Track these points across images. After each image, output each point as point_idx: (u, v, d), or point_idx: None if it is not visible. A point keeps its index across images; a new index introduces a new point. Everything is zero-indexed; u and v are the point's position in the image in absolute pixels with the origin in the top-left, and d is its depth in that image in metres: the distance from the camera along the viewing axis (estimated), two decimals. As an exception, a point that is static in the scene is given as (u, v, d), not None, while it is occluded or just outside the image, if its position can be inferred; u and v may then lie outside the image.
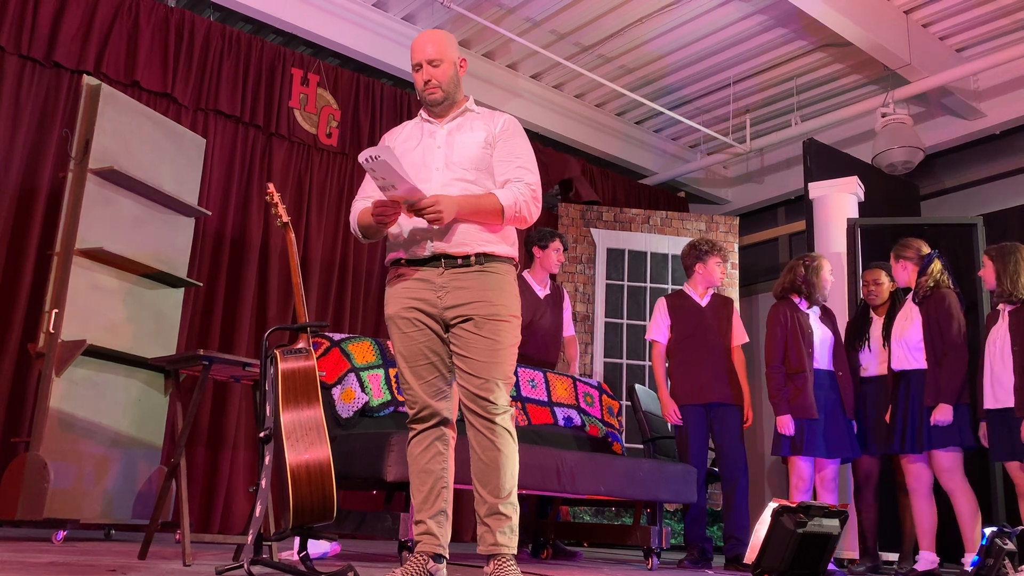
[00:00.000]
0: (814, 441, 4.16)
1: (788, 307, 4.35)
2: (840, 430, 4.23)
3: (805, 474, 4.21)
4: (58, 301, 3.76)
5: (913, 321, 4.23)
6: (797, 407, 4.19)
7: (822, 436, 4.18)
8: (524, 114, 6.79)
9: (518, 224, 2.63)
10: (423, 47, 2.63)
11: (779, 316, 4.34)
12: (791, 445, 4.19)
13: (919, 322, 4.20)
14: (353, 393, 3.67)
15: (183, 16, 5.42)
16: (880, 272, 4.63)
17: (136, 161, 4.13)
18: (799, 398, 4.19)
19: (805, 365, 4.21)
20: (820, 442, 4.17)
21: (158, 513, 3.08)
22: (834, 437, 4.20)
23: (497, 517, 2.48)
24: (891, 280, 4.57)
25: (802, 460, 4.21)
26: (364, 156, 2.34)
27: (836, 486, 4.26)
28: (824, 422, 4.21)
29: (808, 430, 4.17)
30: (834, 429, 4.22)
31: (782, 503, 3.39)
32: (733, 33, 6.25)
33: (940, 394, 4.04)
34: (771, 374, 4.29)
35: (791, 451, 4.20)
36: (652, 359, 4.69)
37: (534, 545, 4.66)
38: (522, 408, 4.26)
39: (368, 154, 2.33)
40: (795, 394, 4.20)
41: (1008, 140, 6.65)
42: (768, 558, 3.33)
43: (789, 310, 4.34)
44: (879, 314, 4.63)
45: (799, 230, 7.66)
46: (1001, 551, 3.45)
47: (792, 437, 4.19)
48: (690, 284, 4.69)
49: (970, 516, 4.02)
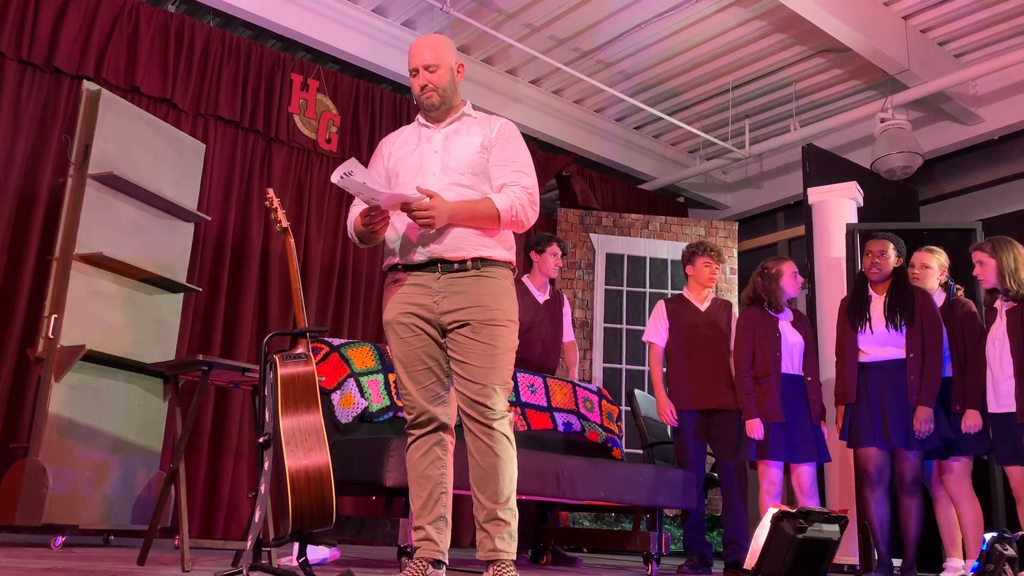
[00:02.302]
0: (780, 445, 4.15)
1: (755, 313, 4.37)
2: (806, 435, 4.21)
3: (775, 478, 4.20)
4: (57, 306, 3.76)
5: None
6: (764, 411, 4.19)
7: (788, 441, 4.17)
8: (524, 119, 6.80)
9: (515, 228, 2.63)
10: (420, 52, 2.64)
11: (746, 322, 4.37)
12: (757, 449, 4.19)
13: None
14: (352, 398, 3.67)
15: (183, 21, 5.43)
16: (888, 244, 4.21)
17: (136, 166, 4.13)
18: (766, 402, 4.19)
19: (771, 369, 4.21)
20: (785, 446, 4.16)
21: (157, 519, 3.08)
22: (800, 442, 4.19)
23: (496, 523, 2.48)
24: (897, 255, 4.19)
25: (772, 465, 4.20)
26: (335, 177, 2.36)
27: (815, 491, 4.25)
28: (790, 427, 4.20)
29: (774, 434, 4.16)
30: (800, 434, 4.20)
31: (782, 508, 3.38)
32: (732, 38, 6.26)
33: (967, 401, 4.04)
34: (739, 379, 4.30)
35: (757, 455, 4.20)
36: (649, 361, 4.69)
37: (533, 551, 4.65)
38: (521, 413, 4.26)
39: (339, 173, 2.35)
40: (762, 398, 4.21)
41: (1007, 145, 6.66)
42: (768, 563, 3.33)
43: (756, 316, 4.35)
44: (878, 292, 4.21)
45: (798, 235, 7.67)
46: (1002, 556, 3.44)
47: (759, 441, 4.19)
48: (688, 289, 4.70)
49: (976, 522, 4.03)
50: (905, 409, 3.98)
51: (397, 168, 2.68)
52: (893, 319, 4.09)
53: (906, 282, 4.16)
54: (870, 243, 4.26)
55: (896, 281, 4.17)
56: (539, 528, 4.63)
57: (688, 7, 5.88)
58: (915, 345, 4.02)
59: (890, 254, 4.19)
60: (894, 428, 3.97)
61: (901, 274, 4.19)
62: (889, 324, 4.09)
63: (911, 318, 4.05)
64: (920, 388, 3.96)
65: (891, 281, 4.18)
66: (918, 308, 4.07)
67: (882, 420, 4.02)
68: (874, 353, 4.14)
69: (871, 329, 4.15)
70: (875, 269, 4.19)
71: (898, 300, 4.11)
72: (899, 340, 4.07)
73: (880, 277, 4.20)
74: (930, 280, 4.33)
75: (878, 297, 4.20)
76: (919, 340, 4.02)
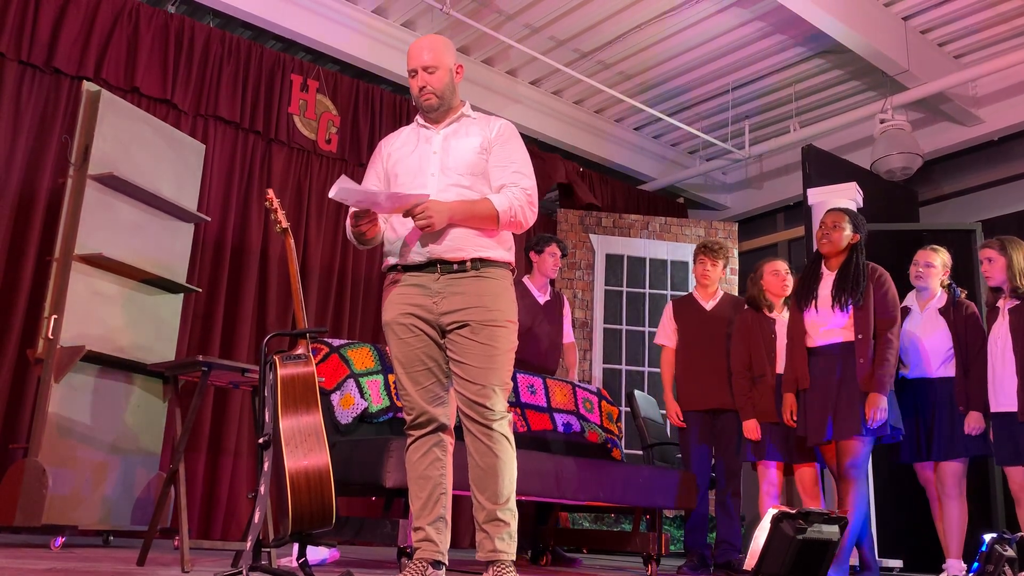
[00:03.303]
0: (778, 446, 4.14)
1: (751, 314, 4.37)
2: None
3: (774, 479, 4.18)
4: (57, 307, 3.76)
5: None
6: (760, 411, 4.18)
7: (786, 441, 4.16)
8: (523, 120, 6.80)
9: (514, 229, 2.63)
10: (419, 53, 2.64)
11: (742, 323, 4.37)
12: (755, 449, 4.18)
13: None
14: (352, 399, 3.67)
15: (183, 22, 5.43)
16: (843, 217, 3.87)
17: (136, 167, 4.13)
18: (761, 402, 4.19)
19: (766, 370, 4.21)
20: (783, 447, 4.15)
21: (157, 519, 3.08)
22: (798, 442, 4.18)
23: (496, 523, 2.48)
24: (854, 231, 3.83)
25: (770, 466, 4.19)
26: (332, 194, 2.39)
27: (819, 491, 4.24)
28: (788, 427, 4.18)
29: (772, 435, 4.15)
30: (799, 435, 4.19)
31: (781, 509, 3.38)
32: (732, 39, 6.26)
33: (970, 402, 4.04)
34: (736, 380, 4.30)
35: (755, 456, 4.19)
36: (660, 363, 4.72)
37: (533, 551, 4.65)
38: (521, 414, 4.26)
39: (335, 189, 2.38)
40: (758, 399, 4.21)
41: (1006, 146, 6.67)
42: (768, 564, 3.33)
43: (751, 317, 4.35)
44: (831, 268, 3.87)
45: (798, 236, 7.67)
46: (1001, 557, 3.44)
47: (757, 442, 4.18)
48: (696, 288, 4.73)
49: (962, 524, 4.06)
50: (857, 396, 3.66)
51: (396, 169, 2.68)
52: (840, 298, 3.74)
53: (859, 259, 3.81)
54: (824, 215, 3.94)
55: (849, 258, 3.82)
56: (539, 529, 4.63)
57: (688, 8, 5.88)
58: (864, 326, 3.69)
59: (844, 227, 3.83)
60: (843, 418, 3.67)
61: (856, 250, 3.83)
62: (835, 303, 3.75)
63: (859, 297, 3.71)
64: (872, 373, 3.65)
65: (844, 258, 3.84)
66: (870, 287, 3.74)
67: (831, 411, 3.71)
68: (820, 336, 3.81)
69: (816, 308, 3.82)
70: (825, 241, 3.85)
71: (847, 277, 3.76)
72: (846, 321, 3.74)
73: (831, 251, 3.85)
74: (933, 279, 4.31)
75: (829, 275, 3.85)
76: (868, 321, 3.70)
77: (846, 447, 3.66)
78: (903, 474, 4.39)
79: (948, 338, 4.17)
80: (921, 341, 4.23)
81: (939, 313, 4.24)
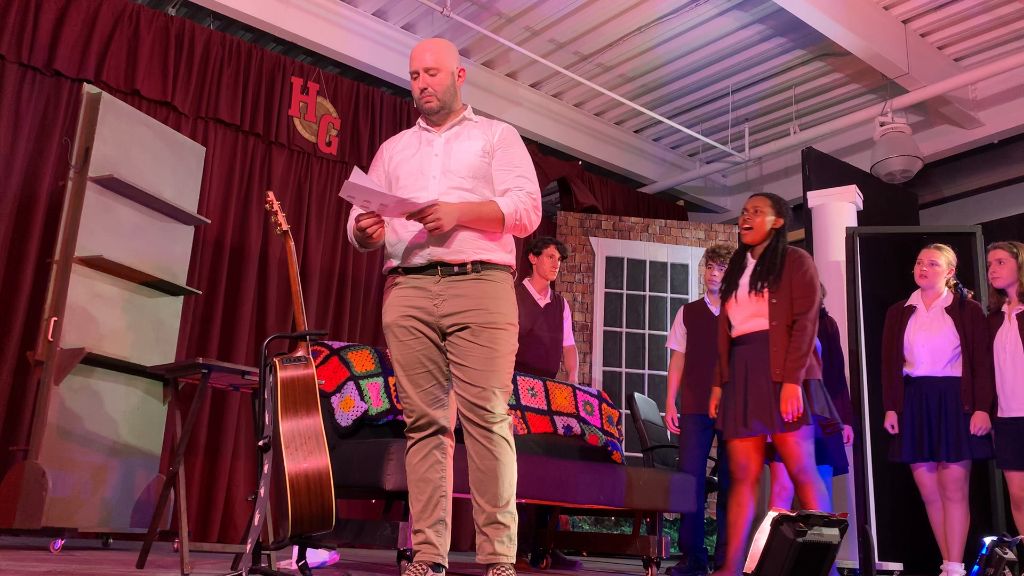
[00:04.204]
0: None
1: None
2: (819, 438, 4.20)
3: (786, 482, 4.18)
4: (57, 309, 3.76)
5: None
6: None
7: None
8: (523, 123, 6.80)
9: (518, 232, 2.64)
10: (421, 55, 2.65)
11: None
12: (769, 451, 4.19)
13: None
14: (352, 401, 3.67)
15: (183, 25, 5.44)
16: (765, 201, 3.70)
17: (136, 169, 4.13)
18: None
19: None
20: None
21: (156, 522, 3.08)
22: None
23: (495, 526, 2.48)
24: (777, 215, 3.67)
25: (782, 467, 4.19)
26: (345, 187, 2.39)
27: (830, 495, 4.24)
28: None
29: None
30: None
31: (781, 512, 3.38)
32: (732, 42, 6.27)
33: (977, 402, 4.05)
34: None
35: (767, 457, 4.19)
36: (669, 367, 4.76)
37: (533, 554, 4.65)
38: (521, 417, 4.26)
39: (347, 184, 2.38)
40: None
41: (1006, 149, 6.67)
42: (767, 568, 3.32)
43: None
44: (755, 255, 3.70)
45: (798, 239, 7.64)
46: (1001, 560, 3.44)
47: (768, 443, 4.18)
48: (706, 294, 4.77)
49: (964, 527, 4.07)
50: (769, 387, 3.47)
51: (398, 171, 2.68)
52: (755, 283, 3.57)
53: (780, 244, 3.64)
54: (746, 202, 3.76)
55: (770, 244, 3.65)
56: (539, 531, 4.62)
57: (688, 11, 5.88)
58: (779, 313, 3.49)
59: (767, 211, 3.66)
60: (758, 411, 3.49)
61: (779, 235, 3.67)
62: (751, 289, 3.57)
63: (776, 281, 3.53)
64: (784, 362, 3.43)
65: (767, 244, 3.67)
66: (787, 272, 3.54)
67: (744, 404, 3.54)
68: (739, 325, 3.65)
69: (736, 298, 3.65)
70: (747, 228, 3.68)
71: (764, 263, 3.60)
72: (764, 309, 3.55)
73: (754, 238, 3.68)
74: (938, 278, 4.30)
75: (753, 262, 3.69)
76: (785, 308, 3.50)
77: (783, 451, 3.49)
78: (904, 475, 4.38)
79: (954, 337, 4.18)
80: (927, 340, 4.24)
81: (945, 312, 4.25)
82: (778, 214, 3.67)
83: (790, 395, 3.38)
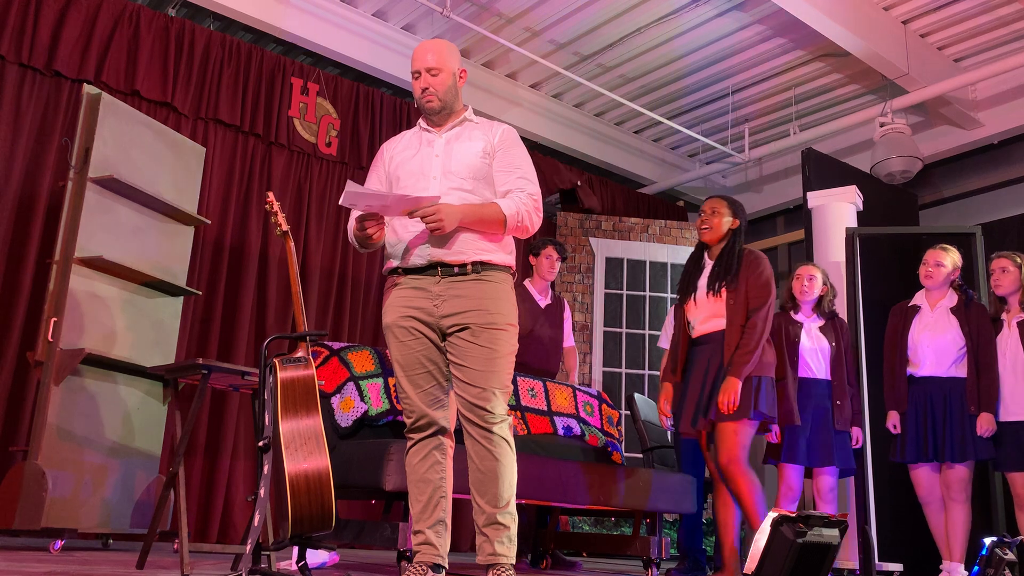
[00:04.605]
0: (795, 448, 4.16)
1: (777, 317, 4.39)
2: (827, 440, 4.21)
3: (793, 483, 4.20)
4: (57, 310, 3.76)
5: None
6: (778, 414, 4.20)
7: (805, 444, 4.17)
8: (523, 123, 6.80)
9: (519, 234, 2.64)
10: (423, 55, 2.65)
11: None
12: (774, 452, 4.22)
13: None
14: (352, 402, 3.67)
15: (183, 25, 5.44)
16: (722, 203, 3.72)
17: (136, 170, 4.13)
18: (780, 404, 4.20)
19: (786, 373, 4.22)
20: (802, 450, 4.16)
21: (156, 522, 3.08)
22: (818, 446, 4.19)
23: (495, 527, 2.48)
24: (732, 217, 3.69)
25: (790, 468, 4.21)
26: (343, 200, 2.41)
27: (834, 497, 4.25)
28: (809, 430, 4.20)
29: (792, 438, 4.17)
30: (820, 439, 4.20)
31: (781, 512, 3.38)
32: (732, 43, 6.27)
33: (983, 404, 4.07)
34: None
35: (773, 458, 4.22)
36: (661, 367, 4.72)
37: (533, 555, 4.65)
38: (521, 417, 4.26)
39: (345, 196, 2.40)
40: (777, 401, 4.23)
41: (1006, 150, 6.67)
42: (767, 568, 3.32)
43: (776, 319, 4.36)
44: (712, 257, 3.72)
45: (798, 239, 7.66)
46: (1001, 561, 3.44)
47: (775, 444, 4.21)
48: None
49: (966, 528, 4.08)
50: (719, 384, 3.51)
51: (398, 172, 2.68)
52: (713, 285, 3.60)
53: (736, 245, 3.67)
54: (703, 204, 3.80)
55: (727, 245, 3.68)
56: (539, 532, 4.62)
57: (688, 11, 5.88)
58: (735, 313, 3.54)
59: (724, 212, 3.69)
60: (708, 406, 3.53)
61: (736, 235, 3.69)
62: (709, 290, 3.61)
63: (733, 281, 3.56)
64: (732, 356, 3.48)
65: (725, 244, 3.69)
66: (744, 272, 3.58)
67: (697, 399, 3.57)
68: (700, 326, 3.68)
69: (695, 300, 3.69)
70: (706, 228, 3.69)
71: (722, 264, 3.63)
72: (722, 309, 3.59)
73: (713, 238, 3.70)
74: (943, 279, 4.31)
75: (711, 263, 3.72)
76: (742, 308, 3.53)
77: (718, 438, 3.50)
78: (904, 476, 4.38)
79: (959, 338, 4.19)
80: (931, 340, 4.24)
81: (950, 312, 4.26)
82: (734, 215, 3.70)
83: (730, 387, 3.43)
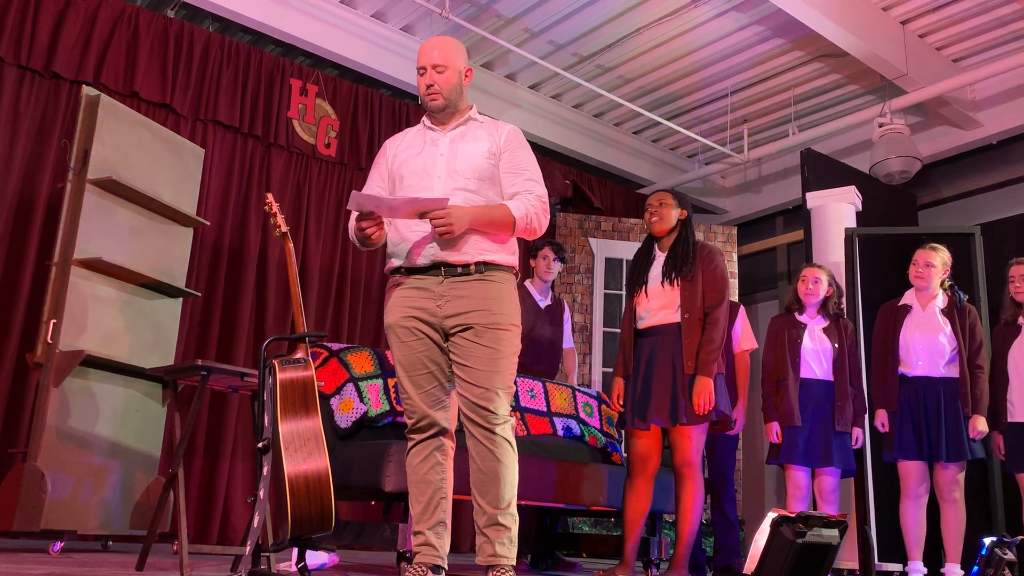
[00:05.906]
0: (795, 449, 4.18)
1: (782, 318, 4.46)
2: (828, 441, 4.22)
3: (800, 483, 4.21)
4: (56, 311, 3.76)
5: None
6: (780, 414, 4.26)
7: (805, 445, 4.19)
8: (522, 124, 6.79)
9: (527, 235, 2.65)
10: (429, 51, 2.64)
11: (771, 327, 4.47)
12: (776, 453, 4.26)
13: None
14: (352, 403, 3.67)
15: (182, 27, 5.44)
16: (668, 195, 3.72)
17: (135, 171, 4.13)
18: (781, 405, 4.25)
19: (787, 373, 4.25)
20: (801, 450, 4.18)
21: (155, 524, 3.07)
22: (819, 447, 4.20)
23: (496, 528, 2.48)
24: (679, 208, 3.68)
25: (797, 469, 4.23)
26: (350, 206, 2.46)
27: (836, 498, 4.25)
28: (809, 431, 4.22)
29: (794, 438, 4.20)
30: (821, 439, 4.21)
31: (781, 513, 3.38)
32: (731, 44, 6.27)
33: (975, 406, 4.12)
34: (763, 382, 4.41)
35: (775, 458, 4.26)
36: None
37: (533, 556, 4.64)
38: (521, 418, 4.25)
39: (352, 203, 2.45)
40: (778, 401, 4.28)
41: (1005, 150, 6.67)
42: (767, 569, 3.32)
43: (781, 320, 4.44)
44: (662, 249, 3.69)
45: (797, 240, 7.67)
46: (1001, 561, 3.44)
47: (777, 445, 4.25)
48: None
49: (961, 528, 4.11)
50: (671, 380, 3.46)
51: (402, 170, 2.67)
52: (669, 275, 3.56)
53: (689, 236, 3.65)
54: (649, 197, 3.77)
55: (680, 235, 3.66)
56: (539, 533, 4.62)
57: (687, 12, 5.89)
58: (691, 305, 3.49)
59: (671, 203, 3.67)
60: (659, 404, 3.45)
61: (685, 227, 3.67)
62: (664, 280, 3.57)
63: (689, 273, 3.53)
64: (698, 354, 3.42)
65: (675, 236, 3.67)
66: (699, 264, 3.55)
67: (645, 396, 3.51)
68: (648, 318, 3.62)
69: (647, 292, 3.62)
70: (656, 219, 3.66)
71: (676, 254, 3.61)
72: (675, 301, 3.54)
73: (663, 229, 3.67)
74: (934, 279, 4.33)
75: (661, 255, 3.68)
76: (696, 300, 3.49)
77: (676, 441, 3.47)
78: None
79: (951, 339, 4.22)
80: (924, 340, 4.25)
81: (942, 313, 4.28)
82: (681, 206, 3.69)
83: (704, 388, 3.39)
